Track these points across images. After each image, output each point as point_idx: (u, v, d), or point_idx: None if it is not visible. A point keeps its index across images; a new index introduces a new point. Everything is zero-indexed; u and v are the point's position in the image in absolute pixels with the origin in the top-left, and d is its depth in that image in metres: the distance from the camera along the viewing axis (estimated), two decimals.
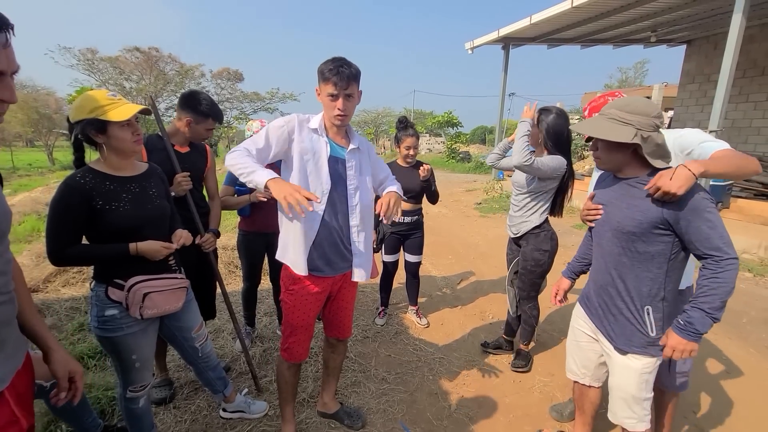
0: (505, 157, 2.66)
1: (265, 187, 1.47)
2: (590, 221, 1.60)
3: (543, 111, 2.38)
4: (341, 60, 1.62)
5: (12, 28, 0.85)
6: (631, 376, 1.48)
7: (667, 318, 1.44)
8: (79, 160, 1.53)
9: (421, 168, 2.85)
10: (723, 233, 1.29)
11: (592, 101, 1.91)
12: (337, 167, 1.72)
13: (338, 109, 1.62)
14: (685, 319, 1.33)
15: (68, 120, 1.46)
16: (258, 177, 1.50)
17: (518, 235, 2.54)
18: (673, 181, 1.26)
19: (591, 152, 1.53)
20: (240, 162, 1.55)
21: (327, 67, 1.60)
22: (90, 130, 1.44)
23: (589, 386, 1.77)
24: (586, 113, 1.91)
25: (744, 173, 1.43)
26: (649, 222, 1.36)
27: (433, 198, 3.03)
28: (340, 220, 1.74)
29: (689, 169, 1.28)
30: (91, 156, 1.57)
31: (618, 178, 1.49)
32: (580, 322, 1.74)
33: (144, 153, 1.99)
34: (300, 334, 1.83)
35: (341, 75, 1.57)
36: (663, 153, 1.39)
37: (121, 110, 1.43)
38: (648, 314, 1.43)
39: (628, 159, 1.42)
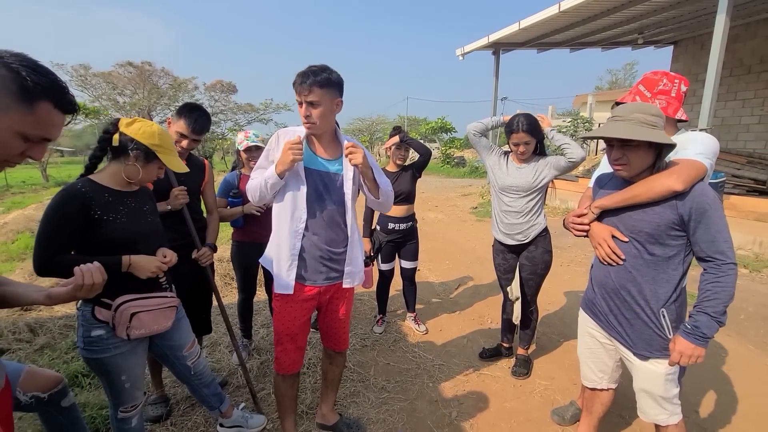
0: (485, 136, 2.61)
1: (279, 175, 1.62)
2: (608, 259, 1.53)
3: (524, 124, 2.34)
4: (310, 67, 1.61)
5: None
6: (656, 380, 1.49)
7: (678, 319, 1.46)
8: (100, 151, 1.56)
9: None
10: (728, 237, 1.32)
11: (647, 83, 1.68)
12: (321, 180, 1.72)
13: (302, 115, 1.63)
14: (692, 324, 1.35)
15: (116, 124, 1.53)
16: (269, 175, 1.65)
17: (525, 242, 2.47)
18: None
19: (614, 162, 1.46)
20: (254, 189, 1.71)
21: (297, 74, 1.61)
22: (140, 155, 1.51)
23: (606, 389, 1.76)
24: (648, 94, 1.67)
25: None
26: (665, 223, 1.38)
27: (421, 148, 2.99)
28: (326, 231, 1.75)
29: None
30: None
31: (626, 181, 1.50)
32: (589, 329, 1.71)
33: None
34: (286, 344, 1.81)
35: (303, 81, 1.57)
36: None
37: (175, 162, 1.61)
38: (664, 317, 1.44)
39: (653, 165, 1.42)
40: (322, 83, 1.58)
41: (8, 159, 0.90)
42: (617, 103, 1.65)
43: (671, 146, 1.38)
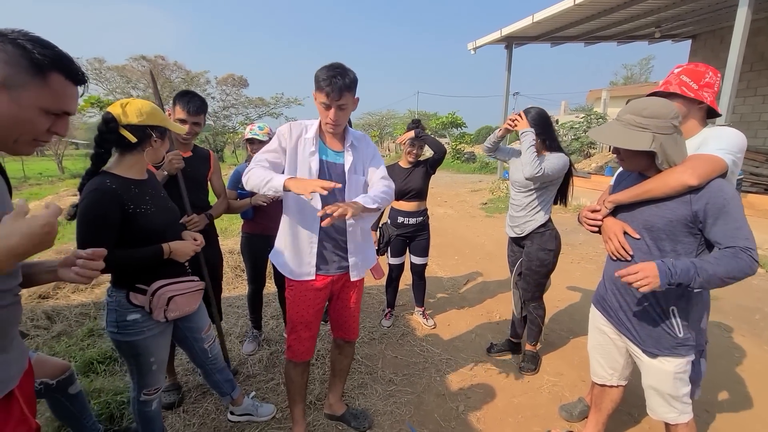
0: (495, 150, 2.66)
1: (285, 188, 1.52)
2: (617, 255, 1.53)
3: (527, 116, 2.36)
4: (337, 69, 1.60)
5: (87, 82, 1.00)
6: (665, 378, 1.48)
7: (689, 318, 1.44)
8: (107, 154, 1.51)
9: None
10: (749, 235, 1.27)
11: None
12: (332, 171, 1.75)
13: (330, 118, 1.64)
14: (674, 260, 1.29)
15: (113, 119, 1.46)
16: (275, 182, 1.55)
17: (522, 235, 2.50)
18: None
19: (614, 155, 1.52)
20: (254, 177, 1.61)
21: (322, 75, 1.59)
22: (156, 135, 1.54)
23: (616, 386, 1.75)
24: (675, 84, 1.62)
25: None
26: (678, 220, 1.36)
27: (435, 145, 2.94)
28: (336, 222, 1.75)
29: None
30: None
31: (643, 175, 1.48)
32: (600, 325, 1.71)
33: None
34: (300, 332, 1.84)
35: (333, 86, 1.57)
36: (679, 154, 1.37)
37: (178, 127, 1.68)
38: (674, 315, 1.42)
39: (651, 160, 1.40)
40: (350, 86, 1.61)
41: (38, 137, 0.92)
42: (651, 95, 1.63)
43: (673, 146, 1.35)
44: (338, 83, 1.57)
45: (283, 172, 1.71)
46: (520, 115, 2.36)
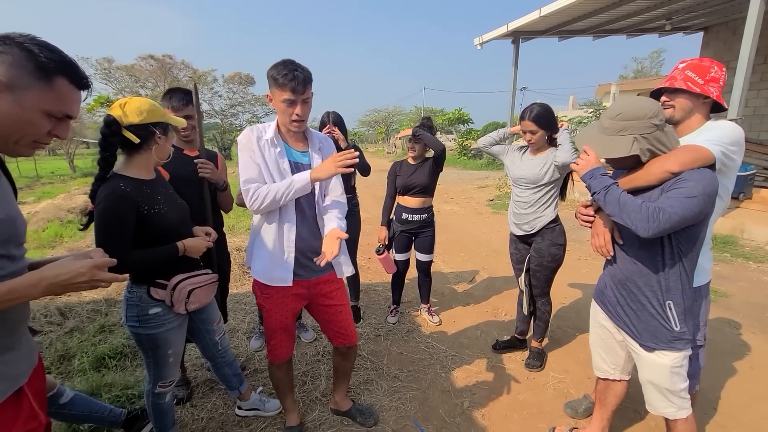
0: (497, 144, 2.68)
1: (314, 181, 1.61)
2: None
3: (533, 111, 2.36)
4: (293, 64, 1.56)
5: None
6: (662, 372, 1.49)
7: (686, 312, 1.44)
8: (112, 157, 1.51)
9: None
10: (676, 209, 1.27)
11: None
12: (299, 172, 1.69)
13: (296, 114, 1.60)
14: (607, 175, 1.45)
15: (115, 121, 1.46)
16: (299, 183, 1.59)
17: (531, 232, 2.49)
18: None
19: None
20: (271, 194, 1.59)
21: (280, 72, 1.54)
22: (159, 131, 1.55)
23: (619, 380, 1.76)
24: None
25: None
26: None
27: (432, 143, 2.88)
28: (310, 224, 1.76)
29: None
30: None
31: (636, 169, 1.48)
32: (600, 319, 1.72)
33: None
34: (280, 336, 1.84)
35: (297, 80, 1.52)
36: (668, 147, 1.38)
37: (178, 119, 1.67)
38: (670, 309, 1.43)
39: (638, 159, 1.41)
40: (310, 78, 1.59)
41: (38, 139, 0.94)
42: (656, 91, 1.65)
43: (660, 142, 1.37)
44: (300, 76, 1.54)
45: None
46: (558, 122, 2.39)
